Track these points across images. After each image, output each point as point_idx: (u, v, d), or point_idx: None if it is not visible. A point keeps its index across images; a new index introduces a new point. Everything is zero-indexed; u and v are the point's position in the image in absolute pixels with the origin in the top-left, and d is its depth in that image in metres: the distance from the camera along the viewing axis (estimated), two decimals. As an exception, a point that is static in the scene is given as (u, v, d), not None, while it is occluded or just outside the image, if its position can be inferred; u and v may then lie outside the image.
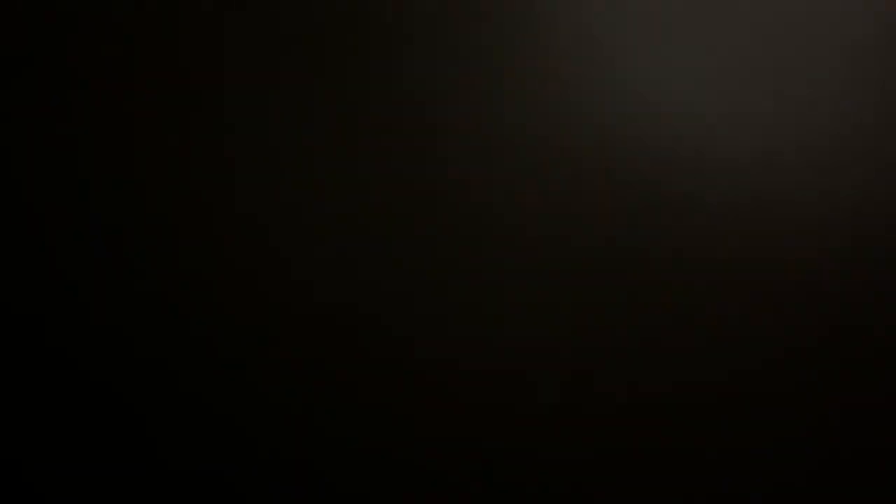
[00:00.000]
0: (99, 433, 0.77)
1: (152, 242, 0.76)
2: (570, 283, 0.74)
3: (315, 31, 0.75)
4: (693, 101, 0.74)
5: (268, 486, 0.76)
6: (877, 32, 0.73)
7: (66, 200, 0.76)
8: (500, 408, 0.75)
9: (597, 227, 0.74)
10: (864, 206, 0.73)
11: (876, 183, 0.73)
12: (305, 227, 0.75)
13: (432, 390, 0.75)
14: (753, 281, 0.73)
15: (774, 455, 0.74)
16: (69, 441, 0.77)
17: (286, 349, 0.76)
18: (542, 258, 0.74)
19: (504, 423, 0.75)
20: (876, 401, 0.73)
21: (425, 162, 0.75)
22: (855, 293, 0.73)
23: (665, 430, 0.74)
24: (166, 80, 0.76)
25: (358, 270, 0.75)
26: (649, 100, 0.74)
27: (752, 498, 0.74)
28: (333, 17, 0.75)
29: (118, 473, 0.77)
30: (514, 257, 0.74)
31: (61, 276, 0.76)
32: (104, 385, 0.77)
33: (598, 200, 0.74)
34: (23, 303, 0.77)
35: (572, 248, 0.74)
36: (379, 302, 0.75)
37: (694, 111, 0.74)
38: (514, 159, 0.74)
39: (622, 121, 0.74)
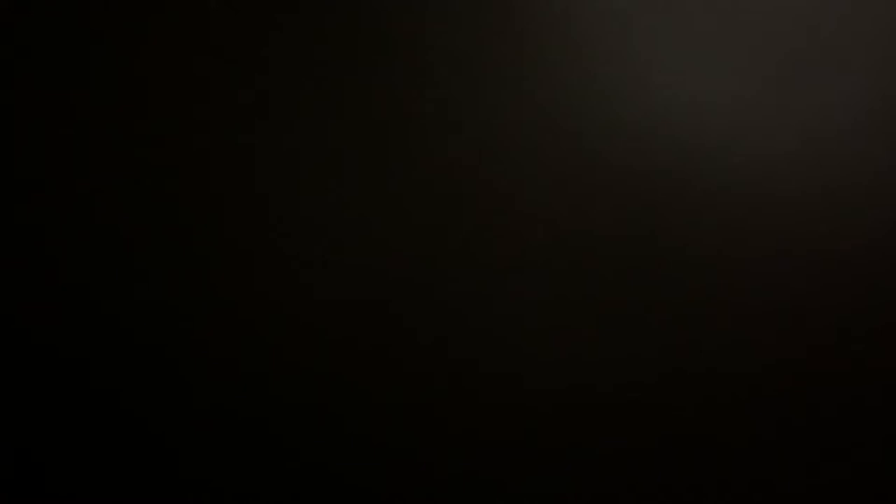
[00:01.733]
0: (101, 434, 0.77)
1: (152, 243, 0.76)
2: (571, 283, 0.74)
3: (316, 31, 0.75)
4: (696, 101, 0.74)
5: (269, 486, 0.76)
6: (877, 31, 0.73)
7: (66, 200, 0.76)
8: (500, 407, 0.75)
9: (600, 227, 0.74)
10: (866, 206, 0.73)
11: (876, 183, 0.73)
12: (308, 225, 0.75)
13: (432, 390, 0.75)
14: (754, 281, 0.74)
15: (773, 455, 0.74)
16: (71, 442, 0.77)
17: (287, 349, 0.76)
18: (546, 257, 0.74)
19: (504, 423, 0.75)
20: (876, 401, 0.73)
21: (429, 160, 0.75)
22: (854, 293, 0.73)
23: (665, 430, 0.74)
24: (168, 80, 0.76)
25: (360, 269, 0.75)
26: (656, 99, 0.74)
27: (751, 497, 0.74)
28: (334, 17, 0.75)
29: (121, 475, 0.77)
30: (519, 255, 0.74)
31: (60, 274, 0.76)
32: (104, 385, 0.76)
33: (602, 199, 0.74)
34: (23, 304, 0.77)
35: (573, 249, 0.74)
36: (379, 301, 0.75)
37: (697, 110, 0.74)
38: (514, 159, 0.74)
39: (631, 119, 0.74)
